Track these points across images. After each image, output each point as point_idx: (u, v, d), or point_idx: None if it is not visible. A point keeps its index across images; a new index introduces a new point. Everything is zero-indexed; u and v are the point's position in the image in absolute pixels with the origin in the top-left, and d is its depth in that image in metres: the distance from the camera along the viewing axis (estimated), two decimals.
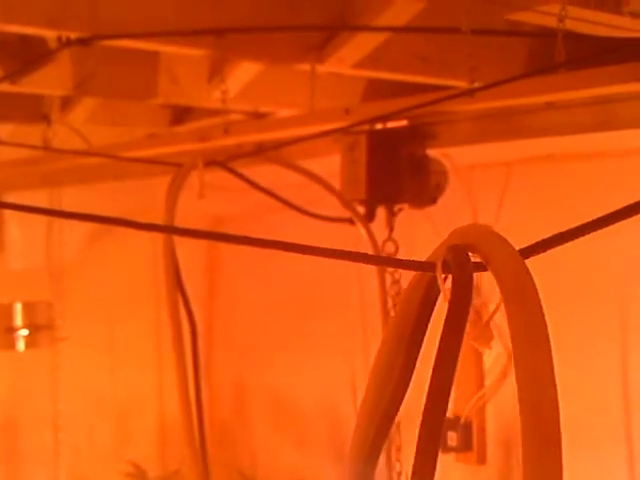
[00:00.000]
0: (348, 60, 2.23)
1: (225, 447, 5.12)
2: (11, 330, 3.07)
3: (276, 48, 2.18)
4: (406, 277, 2.43)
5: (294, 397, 4.72)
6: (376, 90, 2.77)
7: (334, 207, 2.49)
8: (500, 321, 2.68)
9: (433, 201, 2.32)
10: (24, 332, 3.08)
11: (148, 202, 3.28)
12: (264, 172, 2.08)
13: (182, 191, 2.49)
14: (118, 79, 2.51)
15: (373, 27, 2.05)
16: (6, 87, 2.35)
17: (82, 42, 1.94)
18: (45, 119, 2.90)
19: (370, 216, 2.22)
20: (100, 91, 2.54)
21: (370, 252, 2.23)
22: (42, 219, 3.77)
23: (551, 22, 1.85)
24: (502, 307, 0.80)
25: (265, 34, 2.12)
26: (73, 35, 1.94)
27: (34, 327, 3.09)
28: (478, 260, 0.73)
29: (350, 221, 2.18)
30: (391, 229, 2.27)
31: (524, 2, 1.83)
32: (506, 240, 0.70)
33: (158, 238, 4.84)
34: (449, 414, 4.01)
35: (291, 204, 2.09)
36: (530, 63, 2.56)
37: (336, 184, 2.23)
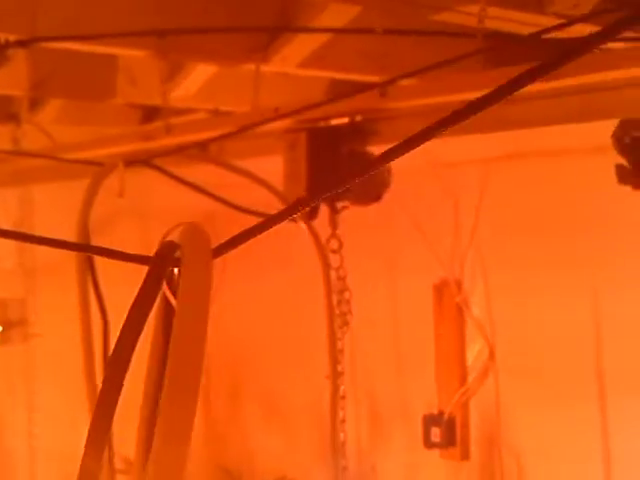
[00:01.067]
0: (292, 59, 2.28)
1: (218, 446, 5.18)
2: None
3: (220, 49, 2.22)
4: (351, 274, 2.45)
5: (285, 398, 4.76)
6: (339, 89, 2.81)
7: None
8: (481, 318, 2.72)
9: (377, 198, 2.34)
10: None
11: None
12: (210, 172, 2.13)
13: (159, 187, 2.53)
14: (77, 80, 2.56)
15: (308, 28, 2.09)
16: None
17: (21, 44, 1.99)
18: (14, 119, 2.96)
19: (313, 214, 2.25)
20: (59, 92, 2.59)
21: (314, 249, 2.26)
22: (13, 217, 3.83)
23: (473, 22, 1.88)
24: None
25: (209, 35, 2.16)
26: (12, 37, 1.98)
27: (7, 324, 3.14)
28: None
29: (292, 219, 2.20)
30: (334, 226, 2.30)
31: (445, 3, 1.86)
32: (204, 239, 0.74)
33: (138, 232, 4.91)
34: (433, 410, 4.04)
35: (229, 203, 2.13)
36: (487, 63, 2.59)
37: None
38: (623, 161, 2.20)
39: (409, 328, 4.39)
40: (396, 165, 2.91)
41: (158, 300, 0.81)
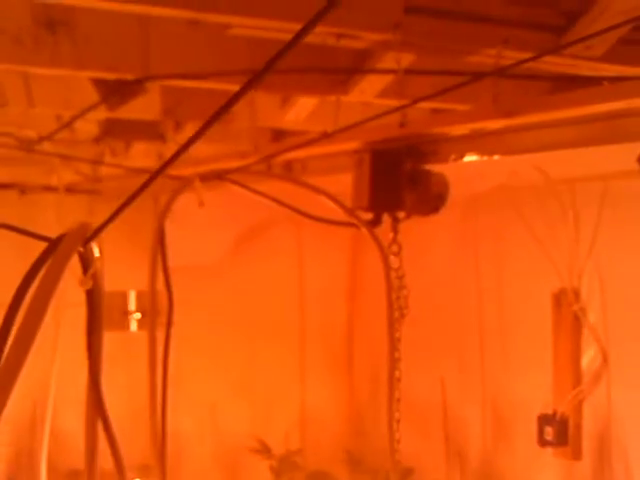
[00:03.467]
0: (369, 92, 2.67)
1: (360, 434, 5.59)
2: (126, 313, 3.67)
3: (305, 84, 2.65)
4: (432, 285, 2.79)
5: (418, 392, 5.12)
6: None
7: None
8: (596, 325, 3.08)
9: (435, 210, 2.66)
10: (137, 315, 3.66)
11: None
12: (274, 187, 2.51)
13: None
14: (200, 105, 3.04)
15: (375, 70, 2.48)
16: (105, 113, 2.93)
17: (138, 82, 2.48)
18: (161, 138, 3.48)
19: (376, 222, 2.60)
20: (185, 116, 3.08)
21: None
22: (196, 221, 4.41)
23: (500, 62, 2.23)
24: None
25: (295, 73, 2.58)
26: (130, 77, 2.48)
27: (145, 311, 3.65)
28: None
29: (356, 226, 2.55)
30: (395, 233, 2.64)
31: (473, 49, 2.22)
32: (79, 233, 1.13)
33: (299, 241, 5.38)
34: (548, 410, 4.30)
35: (303, 213, 2.50)
36: (554, 92, 2.92)
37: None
38: None
39: (528, 333, 4.67)
40: (516, 182, 3.30)
41: None
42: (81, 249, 1.15)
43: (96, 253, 1.18)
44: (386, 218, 2.65)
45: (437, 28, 2.11)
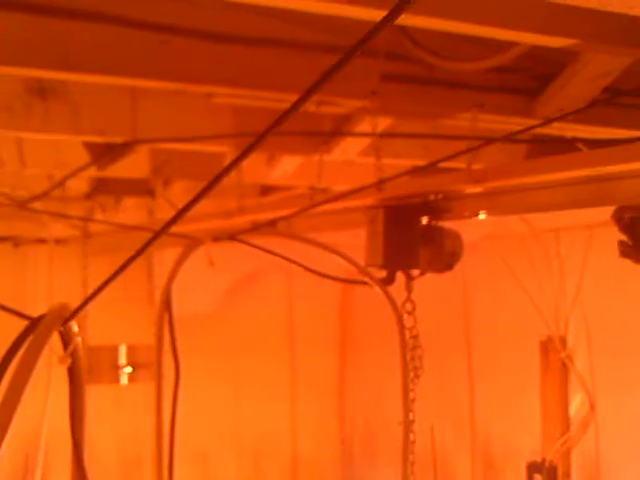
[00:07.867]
0: (350, 151, 2.75)
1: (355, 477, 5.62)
2: (116, 367, 3.71)
3: (292, 144, 2.73)
4: (423, 333, 2.81)
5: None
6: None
7: None
8: (583, 371, 3.11)
9: (449, 267, 2.63)
10: (128, 369, 3.71)
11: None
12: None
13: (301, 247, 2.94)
14: (188, 164, 3.12)
15: (353, 133, 2.56)
16: (95, 172, 3.00)
17: (126, 145, 2.56)
18: (150, 194, 3.55)
19: (390, 280, 2.56)
20: (172, 175, 3.16)
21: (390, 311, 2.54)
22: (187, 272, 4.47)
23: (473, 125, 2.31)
24: None
25: (283, 135, 2.65)
26: (119, 140, 2.55)
27: (136, 365, 3.70)
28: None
29: (368, 284, 2.49)
30: (409, 291, 2.58)
31: (449, 113, 2.30)
32: (56, 314, 1.19)
33: (289, 290, 5.42)
34: (537, 458, 4.34)
35: (313, 270, 2.45)
36: (530, 153, 3.00)
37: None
38: (624, 238, 2.54)
39: (517, 380, 4.73)
40: (502, 232, 3.29)
41: None
42: (61, 328, 1.20)
43: (75, 330, 1.24)
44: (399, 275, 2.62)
45: (413, 94, 2.19)
